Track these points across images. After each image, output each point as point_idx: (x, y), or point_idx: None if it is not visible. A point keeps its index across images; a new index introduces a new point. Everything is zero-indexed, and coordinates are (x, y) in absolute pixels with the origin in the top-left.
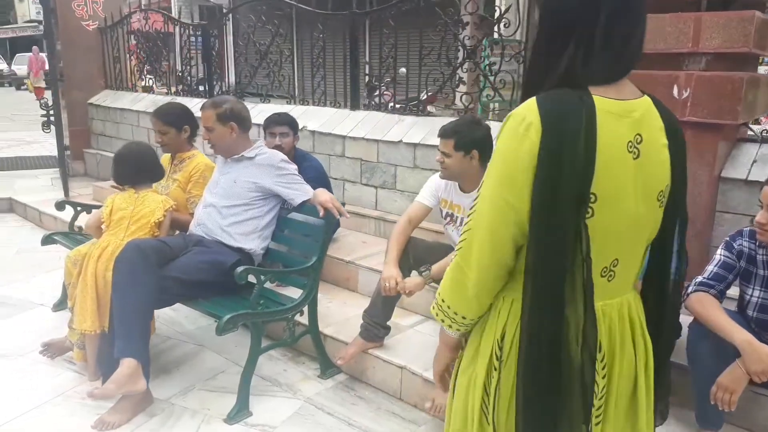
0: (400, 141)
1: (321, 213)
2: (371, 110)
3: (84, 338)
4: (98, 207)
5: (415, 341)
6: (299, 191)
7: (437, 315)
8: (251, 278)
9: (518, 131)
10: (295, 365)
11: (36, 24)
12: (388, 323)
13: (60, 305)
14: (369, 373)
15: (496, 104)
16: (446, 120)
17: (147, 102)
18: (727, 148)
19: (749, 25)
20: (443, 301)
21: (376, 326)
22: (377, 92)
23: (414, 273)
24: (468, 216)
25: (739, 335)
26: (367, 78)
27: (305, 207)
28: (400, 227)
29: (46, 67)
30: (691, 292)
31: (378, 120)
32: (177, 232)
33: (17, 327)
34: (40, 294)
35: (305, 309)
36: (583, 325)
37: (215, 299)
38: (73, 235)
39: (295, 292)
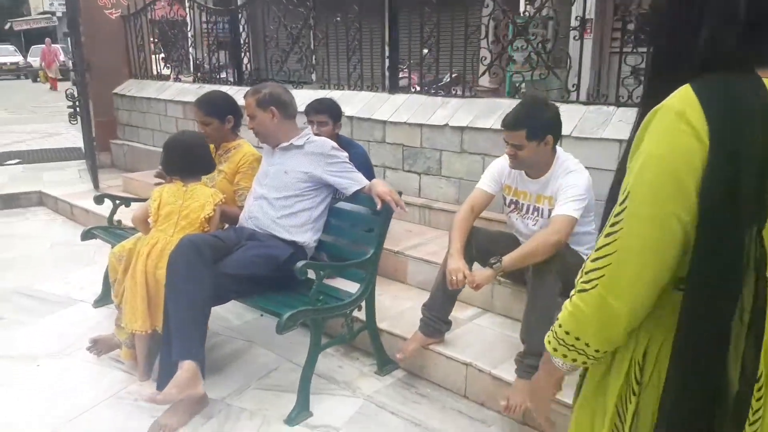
0: (446, 125)
1: (378, 205)
2: (409, 93)
3: (133, 337)
4: (137, 200)
5: (477, 335)
6: (353, 180)
7: (556, 350)
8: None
9: (676, 128)
10: (350, 361)
11: (50, 15)
12: (450, 317)
13: (101, 301)
14: (430, 369)
15: (523, 84)
16: (491, 102)
17: (174, 90)
18: None
19: None
20: (577, 338)
21: (437, 321)
22: (402, 75)
23: (477, 265)
24: (607, 236)
25: None
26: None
27: (359, 197)
28: (463, 215)
29: (61, 58)
30: None
31: (420, 103)
32: (226, 225)
33: (60, 324)
34: (79, 289)
35: (362, 304)
36: (744, 351)
37: (270, 295)
38: (113, 230)
39: (345, 285)
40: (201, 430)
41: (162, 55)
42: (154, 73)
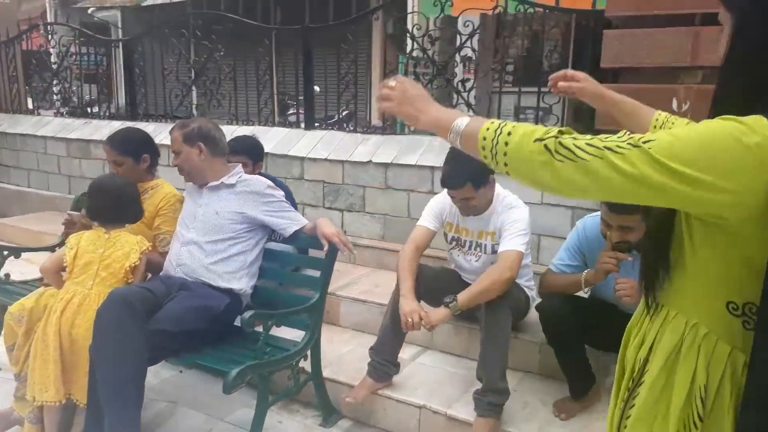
0: (369, 161)
1: (325, 247)
2: (327, 129)
3: (41, 411)
4: (28, 250)
5: (423, 375)
6: (291, 220)
7: (485, 139)
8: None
9: (741, 137)
10: (290, 415)
11: None
12: (398, 360)
13: None
14: (379, 415)
15: None
16: (413, 139)
17: (55, 126)
18: None
19: None
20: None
21: (386, 364)
22: (291, 110)
23: (425, 304)
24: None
25: None
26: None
27: (299, 237)
28: (409, 255)
29: None
30: None
31: (340, 139)
32: (149, 275)
33: None
34: None
35: (308, 353)
36: None
37: (207, 351)
38: (3, 286)
39: (284, 333)
40: None
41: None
42: (29, 107)
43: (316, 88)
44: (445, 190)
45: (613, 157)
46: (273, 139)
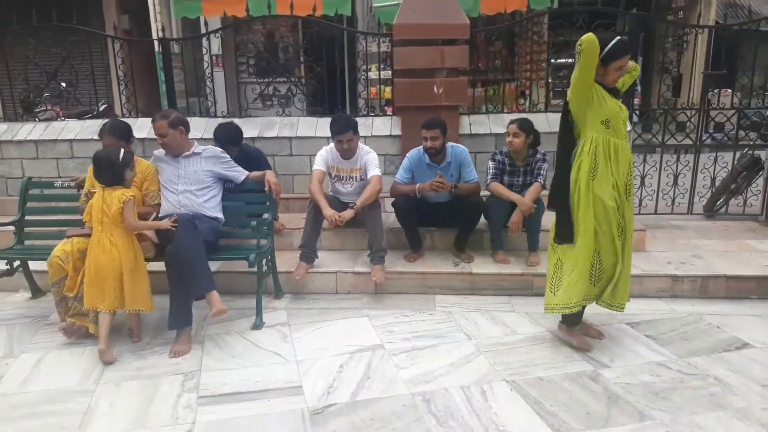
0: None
1: (266, 188)
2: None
3: (97, 316)
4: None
5: (330, 260)
6: (240, 172)
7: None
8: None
9: None
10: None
11: None
12: (316, 249)
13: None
14: (309, 285)
15: None
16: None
17: None
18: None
19: (465, 54)
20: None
21: (311, 252)
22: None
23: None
24: None
25: (515, 196)
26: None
27: (246, 183)
28: (317, 185)
29: None
30: (488, 182)
31: None
32: (154, 214)
33: None
34: None
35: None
36: None
37: (219, 253)
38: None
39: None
40: (196, 353)
41: None
42: None
43: (63, 85)
44: (332, 144)
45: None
46: None
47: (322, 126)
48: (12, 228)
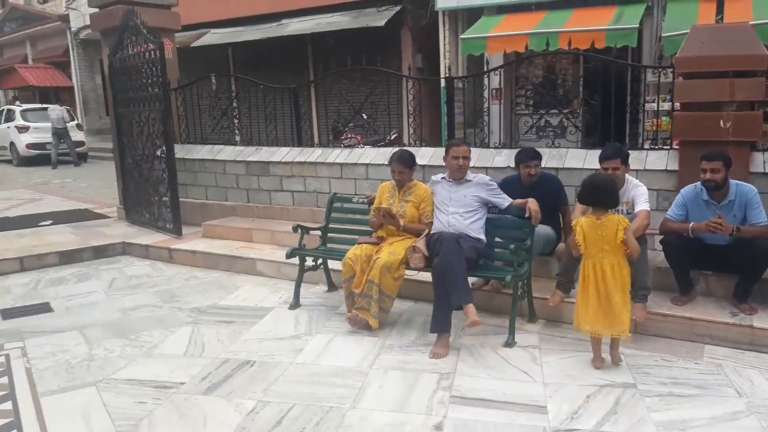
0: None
1: (527, 213)
2: None
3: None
4: (315, 229)
5: None
6: (504, 199)
7: None
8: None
9: None
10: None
11: None
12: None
13: (294, 306)
14: (563, 315)
15: None
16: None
17: (230, 152)
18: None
19: (761, 86)
20: None
21: (569, 281)
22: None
23: None
24: None
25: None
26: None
27: (509, 209)
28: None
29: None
30: None
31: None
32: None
33: (272, 322)
34: (260, 300)
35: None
36: None
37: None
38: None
39: None
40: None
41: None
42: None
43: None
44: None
45: None
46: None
47: (590, 158)
48: (319, 233)
